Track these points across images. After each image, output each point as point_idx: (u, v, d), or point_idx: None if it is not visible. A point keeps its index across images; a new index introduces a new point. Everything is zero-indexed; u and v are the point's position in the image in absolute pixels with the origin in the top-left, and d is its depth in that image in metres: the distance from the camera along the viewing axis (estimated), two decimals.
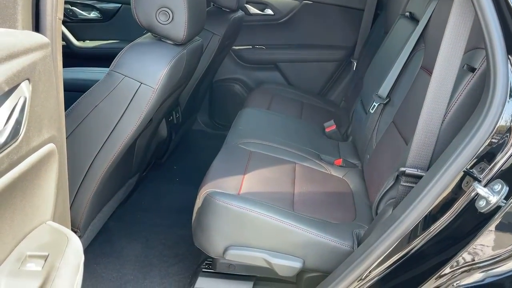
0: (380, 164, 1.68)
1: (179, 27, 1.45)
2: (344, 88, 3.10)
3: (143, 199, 2.41)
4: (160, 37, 1.50)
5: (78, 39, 3.22)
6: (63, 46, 3.53)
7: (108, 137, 1.39)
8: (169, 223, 2.22)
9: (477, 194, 1.07)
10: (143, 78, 1.38)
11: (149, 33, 1.55)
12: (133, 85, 1.37)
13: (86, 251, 1.98)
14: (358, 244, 1.46)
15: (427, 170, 1.28)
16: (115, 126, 1.40)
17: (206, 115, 3.28)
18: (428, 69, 1.64)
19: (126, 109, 1.39)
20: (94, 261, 1.91)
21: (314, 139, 2.22)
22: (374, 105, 1.87)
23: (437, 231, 1.12)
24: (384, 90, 1.87)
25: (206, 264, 1.74)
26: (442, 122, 1.26)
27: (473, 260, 1.07)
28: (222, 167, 1.75)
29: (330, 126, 2.34)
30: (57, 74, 0.94)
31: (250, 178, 1.71)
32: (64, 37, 3.20)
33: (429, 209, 1.13)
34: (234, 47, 3.11)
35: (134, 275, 1.88)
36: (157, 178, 2.61)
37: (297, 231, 1.45)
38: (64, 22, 3.34)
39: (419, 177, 1.27)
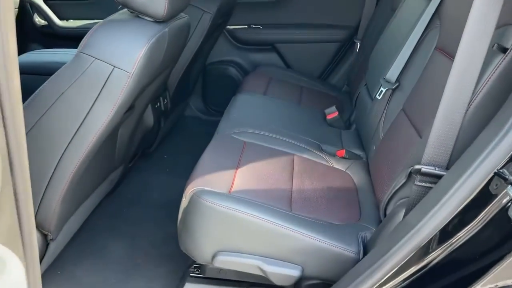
0: (389, 158, 1.50)
1: (158, 1, 1.25)
2: (346, 71, 2.89)
3: (130, 192, 2.23)
4: (137, 13, 1.30)
5: (61, 19, 2.99)
6: (44, 26, 3.28)
7: (77, 130, 1.20)
8: (157, 219, 2.05)
9: (510, 200, 0.89)
10: (117, 61, 1.18)
11: (125, 9, 1.35)
12: (105, 69, 1.18)
13: (64, 252, 1.83)
14: (364, 249, 1.29)
15: (446, 168, 1.11)
16: (85, 117, 1.21)
17: (200, 100, 3.09)
18: (444, 50, 1.45)
19: (97, 97, 1.20)
20: (72, 262, 1.75)
21: (314, 128, 2.03)
22: (381, 91, 1.67)
23: (461, 243, 0.95)
24: (392, 73, 1.68)
25: (194, 267, 1.58)
26: (466, 112, 1.07)
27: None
28: (212, 161, 1.57)
29: (332, 113, 2.15)
30: (8, 59, 0.75)
31: (243, 173, 1.53)
32: (46, 16, 2.98)
33: (452, 217, 0.96)
34: (228, 26, 2.90)
35: (117, 278, 1.72)
36: (145, 169, 2.43)
37: (295, 236, 1.27)
38: (46, 0, 3.12)
39: (437, 177, 1.09)
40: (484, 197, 0.93)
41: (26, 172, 0.77)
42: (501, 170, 0.92)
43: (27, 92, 0.89)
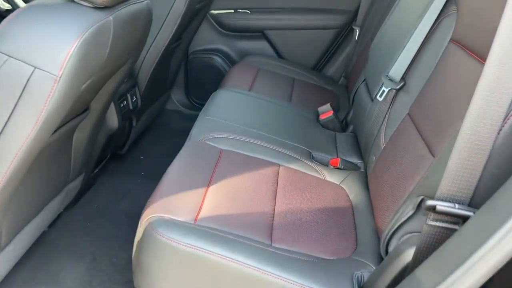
0: (392, 175, 1.23)
1: None
2: (343, 62, 2.60)
3: (97, 201, 1.96)
4: None
5: (26, 2, 2.69)
6: (8, 10, 2.94)
7: None
8: (124, 234, 1.79)
9: None
10: (38, 60, 0.90)
11: None
12: (23, 71, 0.90)
13: (13, 274, 1.59)
14: None
15: (469, 204, 0.84)
16: (2, 129, 0.93)
17: (182, 92, 2.80)
18: (462, 43, 1.17)
19: (15, 106, 0.92)
20: None
21: (305, 131, 1.75)
22: (383, 91, 1.40)
23: None
24: (397, 70, 1.39)
25: None
26: (499, 132, 0.80)
27: None
28: (178, 177, 1.30)
29: (326, 112, 1.87)
30: None
31: (215, 191, 1.26)
32: (10, 0, 2.66)
33: (485, 277, 0.69)
34: (212, 11, 2.60)
35: None
36: (117, 173, 2.17)
37: (275, 281, 1.01)
38: None
39: (458, 217, 0.83)
40: None
41: None
42: None
43: None
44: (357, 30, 2.48)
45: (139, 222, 1.15)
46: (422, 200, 0.93)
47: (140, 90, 1.92)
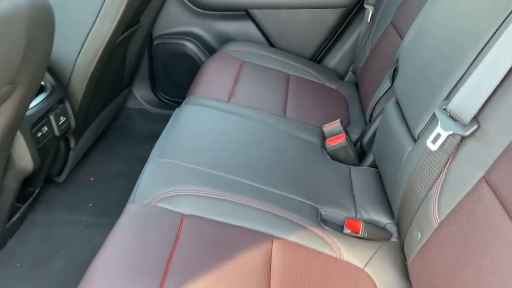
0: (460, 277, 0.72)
1: None
2: (350, 51, 2.05)
3: (20, 254, 1.43)
4: None
5: None
6: None
7: None
8: None
9: None
10: None
11: None
12: None
13: None
14: None
15: None
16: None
17: (147, 87, 2.23)
18: None
19: None
20: None
21: (308, 170, 1.22)
22: (439, 135, 0.86)
23: None
24: (463, 102, 0.85)
25: None
26: None
27: None
28: (114, 269, 0.79)
29: (336, 136, 1.34)
30: None
31: None
32: None
33: None
34: None
35: None
36: (54, 206, 1.63)
37: None
38: None
39: None
40: None
41: None
42: None
43: None
44: (369, 11, 1.92)
45: None
46: None
47: (74, 104, 1.36)
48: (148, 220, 0.95)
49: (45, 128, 1.20)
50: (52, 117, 1.23)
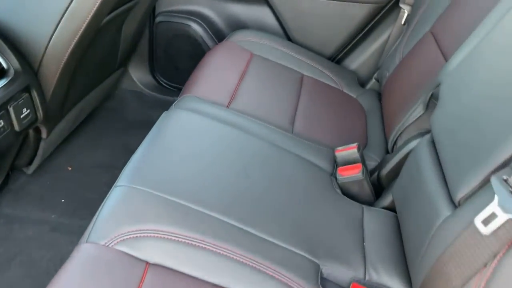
0: None
1: None
2: (376, 55, 1.79)
3: None
4: None
5: None
6: None
7: None
8: None
9: None
10: None
11: None
12: None
13: None
14: None
15: None
16: None
17: (145, 68, 2.01)
18: None
19: None
20: None
21: (313, 210, 1.00)
22: (493, 214, 0.64)
23: None
24: None
25: None
26: None
27: None
28: None
29: (350, 167, 1.12)
30: None
31: None
32: None
33: None
34: None
35: None
36: (20, 201, 1.44)
37: None
38: None
39: None
40: None
41: None
42: None
43: None
44: (405, 11, 1.66)
45: None
46: None
47: (46, 92, 1.14)
48: (101, 268, 0.75)
49: (1, 123, 0.99)
50: (11, 109, 1.01)
